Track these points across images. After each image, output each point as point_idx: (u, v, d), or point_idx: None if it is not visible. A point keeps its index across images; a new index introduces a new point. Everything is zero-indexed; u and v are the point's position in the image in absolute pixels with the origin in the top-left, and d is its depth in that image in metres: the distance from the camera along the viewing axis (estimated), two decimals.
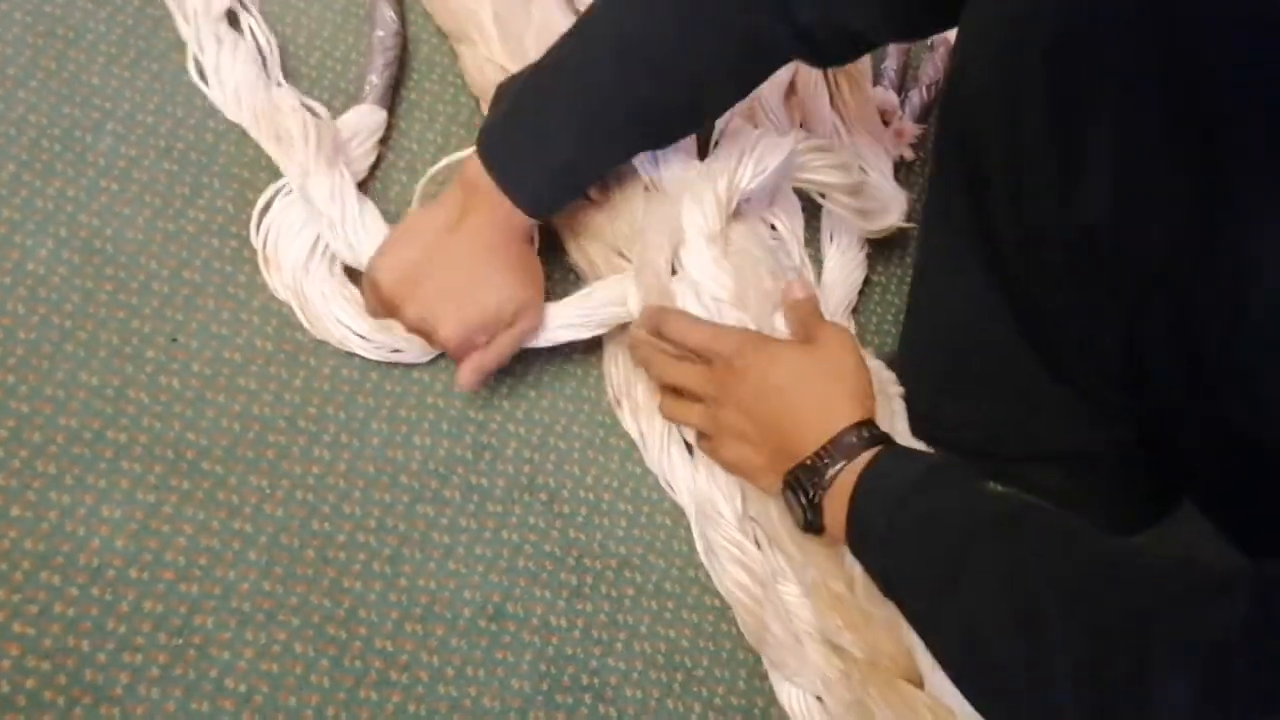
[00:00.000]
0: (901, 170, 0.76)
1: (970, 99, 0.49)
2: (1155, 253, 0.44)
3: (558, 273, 0.64)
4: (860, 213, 0.67)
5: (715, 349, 0.54)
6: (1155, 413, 0.51)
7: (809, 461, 0.50)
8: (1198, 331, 0.44)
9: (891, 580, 0.47)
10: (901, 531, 0.46)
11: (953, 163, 0.53)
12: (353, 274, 0.59)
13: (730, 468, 0.56)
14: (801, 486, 0.51)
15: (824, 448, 0.50)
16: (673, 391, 0.58)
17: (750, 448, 0.54)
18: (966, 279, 0.54)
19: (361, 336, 0.57)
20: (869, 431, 0.50)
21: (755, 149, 0.59)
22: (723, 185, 0.58)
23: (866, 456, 0.49)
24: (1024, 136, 0.46)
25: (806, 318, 0.57)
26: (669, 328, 0.56)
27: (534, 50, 0.62)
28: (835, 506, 0.50)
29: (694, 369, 0.56)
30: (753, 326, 0.57)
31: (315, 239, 0.58)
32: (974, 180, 0.51)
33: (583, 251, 0.62)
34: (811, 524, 0.51)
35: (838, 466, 0.49)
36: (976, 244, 0.52)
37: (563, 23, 0.64)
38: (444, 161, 0.60)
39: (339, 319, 0.57)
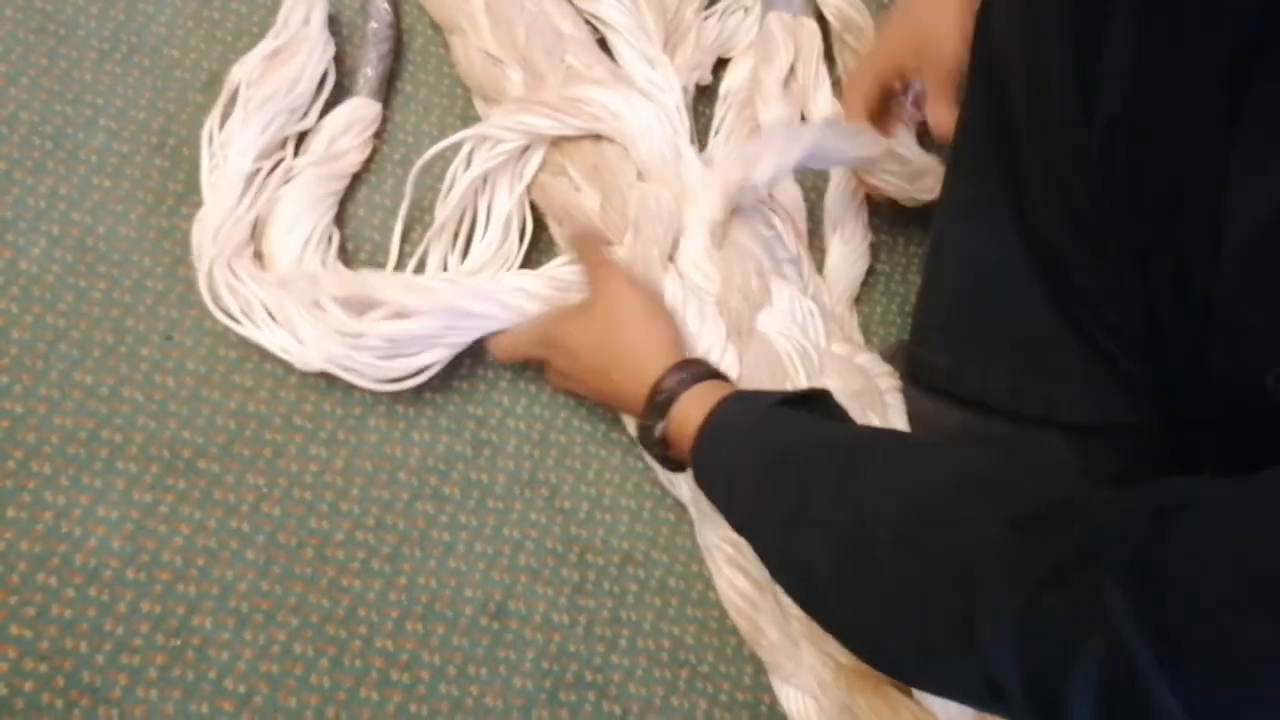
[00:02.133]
0: None
1: (1000, 30, 0.51)
2: (1165, 167, 0.44)
3: (545, 259, 0.63)
4: (907, 177, 0.65)
5: (538, 356, 0.57)
6: (1171, 384, 0.50)
7: (641, 423, 0.52)
8: (1193, 270, 0.44)
9: (744, 528, 0.47)
10: (741, 479, 0.46)
11: (980, 105, 0.53)
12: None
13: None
14: (645, 445, 0.52)
15: (644, 411, 0.51)
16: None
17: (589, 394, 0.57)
18: (993, 227, 0.54)
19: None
20: (673, 381, 0.50)
21: (776, 144, 0.58)
22: (735, 177, 0.57)
23: (693, 408, 0.49)
24: (1049, 46, 0.47)
25: (590, 262, 0.56)
26: (499, 358, 0.58)
27: (525, 40, 0.61)
28: (682, 452, 0.50)
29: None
30: (729, 324, 0.57)
31: (308, 234, 0.57)
32: (1001, 110, 0.51)
33: (557, 232, 0.61)
34: (677, 469, 0.53)
35: (660, 425, 0.50)
36: (1002, 187, 0.52)
37: (556, 13, 0.63)
38: (435, 149, 0.59)
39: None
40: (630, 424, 0.61)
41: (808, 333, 0.58)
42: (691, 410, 0.49)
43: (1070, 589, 0.34)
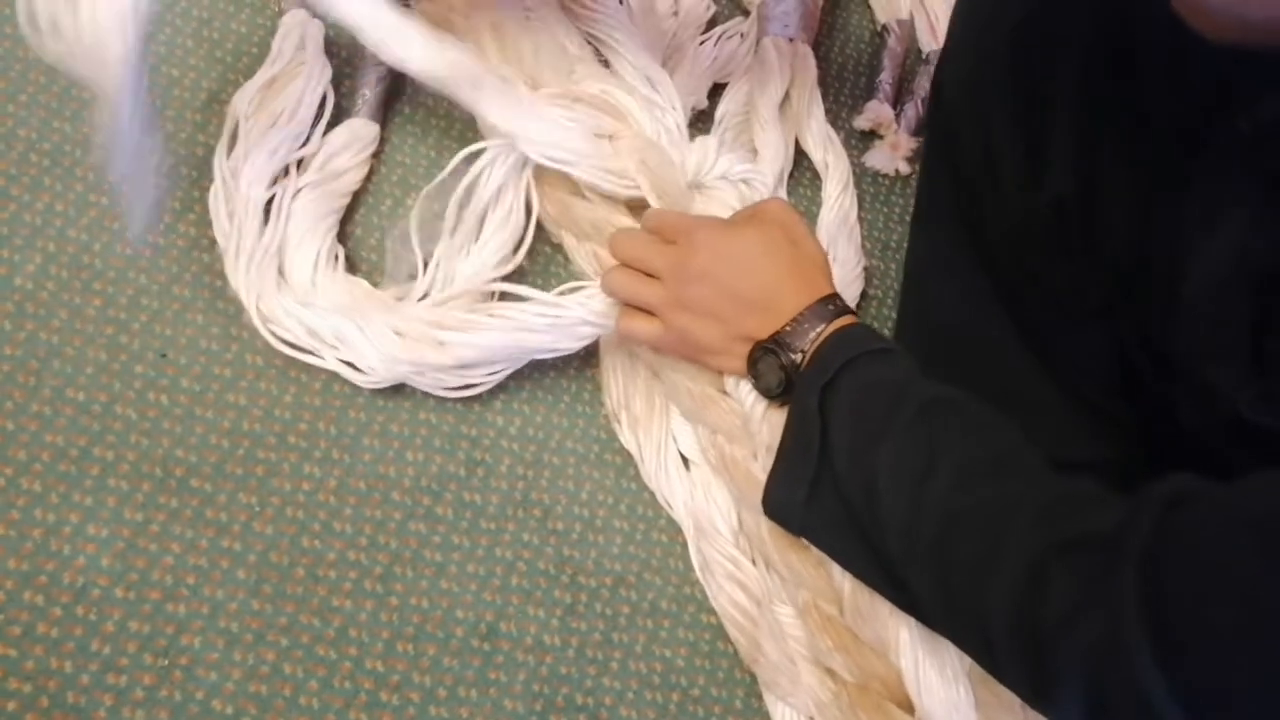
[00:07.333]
0: (898, 184, 0.76)
1: (950, 101, 0.53)
2: (1119, 237, 0.46)
3: (553, 267, 0.64)
4: None
5: (681, 227, 0.55)
6: (1148, 420, 0.51)
7: (789, 328, 0.52)
8: (1153, 322, 0.46)
9: (829, 426, 0.50)
10: (843, 387, 0.49)
11: (939, 165, 0.55)
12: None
13: (692, 347, 0.56)
14: (783, 350, 0.52)
15: (802, 314, 0.52)
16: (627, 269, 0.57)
17: (715, 322, 0.54)
18: (960, 281, 0.55)
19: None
20: (841, 302, 0.53)
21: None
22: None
23: (841, 322, 0.52)
24: (996, 123, 0.50)
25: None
26: (649, 223, 0.57)
27: (534, 58, 0.62)
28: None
29: (658, 245, 0.56)
30: None
31: (316, 253, 0.57)
32: (959, 180, 0.53)
33: (576, 250, 0.61)
34: (783, 390, 0.53)
35: (817, 330, 0.52)
36: (966, 244, 0.54)
37: (564, 36, 0.64)
38: (438, 179, 0.59)
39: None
40: (630, 437, 0.61)
41: None
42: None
43: (1085, 558, 0.37)
